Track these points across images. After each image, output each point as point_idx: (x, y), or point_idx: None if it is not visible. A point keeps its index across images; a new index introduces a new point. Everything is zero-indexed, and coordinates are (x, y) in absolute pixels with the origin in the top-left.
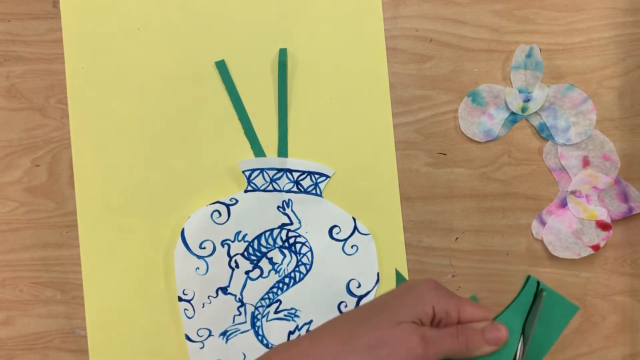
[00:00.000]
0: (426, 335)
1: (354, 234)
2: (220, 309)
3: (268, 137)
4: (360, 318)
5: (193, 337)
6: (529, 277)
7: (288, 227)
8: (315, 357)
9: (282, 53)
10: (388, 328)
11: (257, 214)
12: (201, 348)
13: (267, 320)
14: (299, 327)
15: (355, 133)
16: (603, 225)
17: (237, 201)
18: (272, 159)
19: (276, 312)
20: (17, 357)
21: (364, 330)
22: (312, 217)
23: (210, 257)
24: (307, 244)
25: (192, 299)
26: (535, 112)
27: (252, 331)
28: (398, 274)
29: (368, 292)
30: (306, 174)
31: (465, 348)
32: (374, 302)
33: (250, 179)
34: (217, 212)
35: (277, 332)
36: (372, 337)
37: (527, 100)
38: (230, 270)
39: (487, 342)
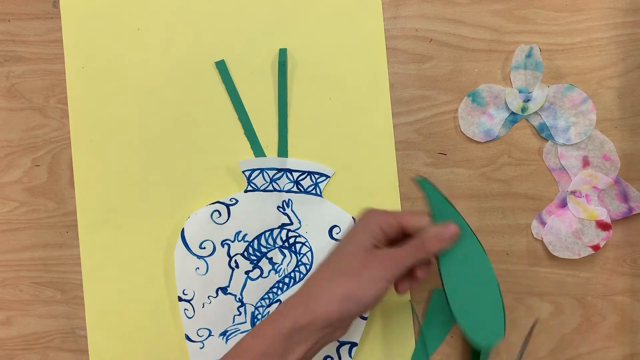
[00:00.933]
0: (392, 259)
1: None
2: (220, 309)
3: (268, 137)
4: (337, 257)
5: (193, 337)
6: (416, 179)
7: (288, 227)
8: (319, 280)
9: (282, 53)
10: (363, 256)
11: (257, 214)
12: (201, 348)
13: None
14: None
15: (355, 133)
16: (603, 225)
17: (237, 201)
18: (272, 159)
19: None
20: (17, 357)
21: (346, 262)
22: (312, 217)
23: (210, 257)
24: (307, 244)
25: (192, 299)
26: (535, 112)
27: None
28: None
29: None
30: (306, 174)
31: (424, 250)
32: (339, 247)
33: (250, 179)
34: (217, 212)
35: None
36: (352, 266)
37: (527, 100)
38: (230, 270)
39: (444, 242)
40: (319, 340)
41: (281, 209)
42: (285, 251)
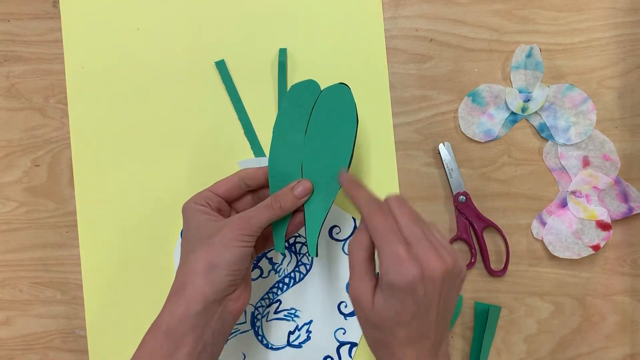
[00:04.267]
0: (242, 219)
1: None
2: None
3: (268, 137)
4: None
5: None
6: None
7: None
8: (180, 267)
9: (282, 53)
10: (207, 229)
11: None
12: None
13: (267, 320)
14: (299, 327)
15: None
16: (603, 225)
17: None
18: None
19: (276, 312)
20: (17, 357)
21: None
22: None
23: None
24: (307, 244)
25: None
26: (535, 112)
27: (252, 331)
28: None
29: None
30: None
31: (281, 210)
32: (182, 240)
33: None
34: None
35: (277, 332)
36: (201, 240)
37: (527, 100)
38: None
39: (298, 197)
40: (208, 322)
41: None
42: (285, 251)
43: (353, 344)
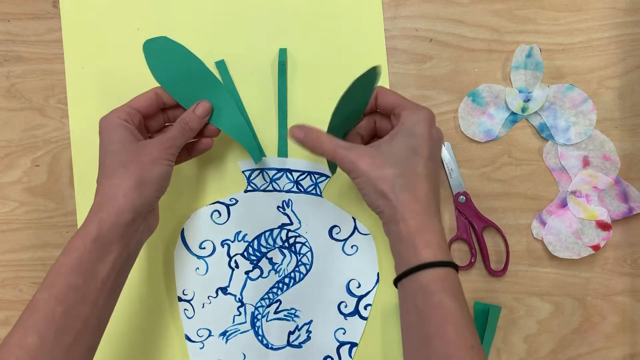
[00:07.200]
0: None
1: (354, 234)
2: (220, 309)
3: (268, 137)
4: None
5: (193, 337)
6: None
7: (288, 227)
8: (107, 179)
9: (282, 53)
10: (134, 147)
11: (257, 214)
12: (201, 348)
13: (267, 321)
14: (299, 327)
15: None
16: (603, 225)
17: (237, 201)
18: (272, 159)
19: (276, 312)
20: None
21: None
22: (312, 217)
23: (210, 257)
24: (307, 244)
25: (192, 299)
26: (536, 112)
27: (252, 331)
28: None
29: (368, 292)
30: (306, 174)
31: (190, 131)
32: (104, 152)
33: (250, 179)
34: (217, 212)
35: (277, 332)
36: (130, 157)
37: (527, 100)
38: (230, 270)
39: (201, 119)
40: (134, 234)
41: (281, 209)
42: (285, 251)
43: (353, 344)
